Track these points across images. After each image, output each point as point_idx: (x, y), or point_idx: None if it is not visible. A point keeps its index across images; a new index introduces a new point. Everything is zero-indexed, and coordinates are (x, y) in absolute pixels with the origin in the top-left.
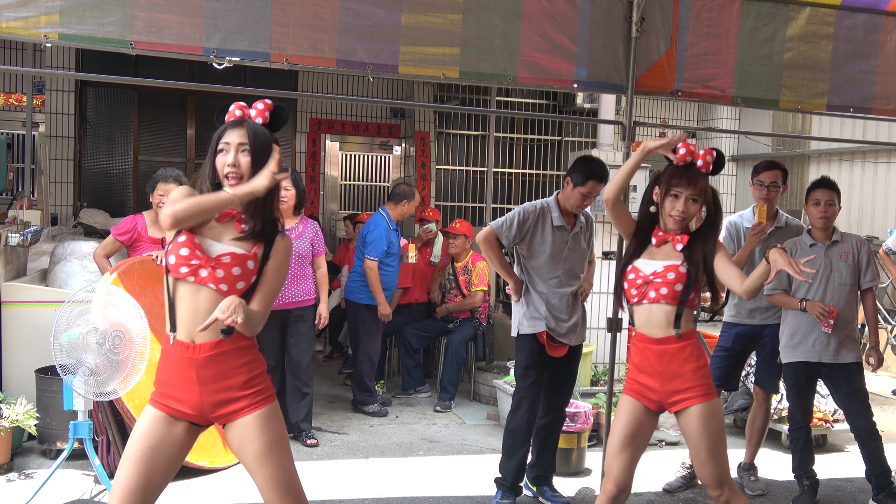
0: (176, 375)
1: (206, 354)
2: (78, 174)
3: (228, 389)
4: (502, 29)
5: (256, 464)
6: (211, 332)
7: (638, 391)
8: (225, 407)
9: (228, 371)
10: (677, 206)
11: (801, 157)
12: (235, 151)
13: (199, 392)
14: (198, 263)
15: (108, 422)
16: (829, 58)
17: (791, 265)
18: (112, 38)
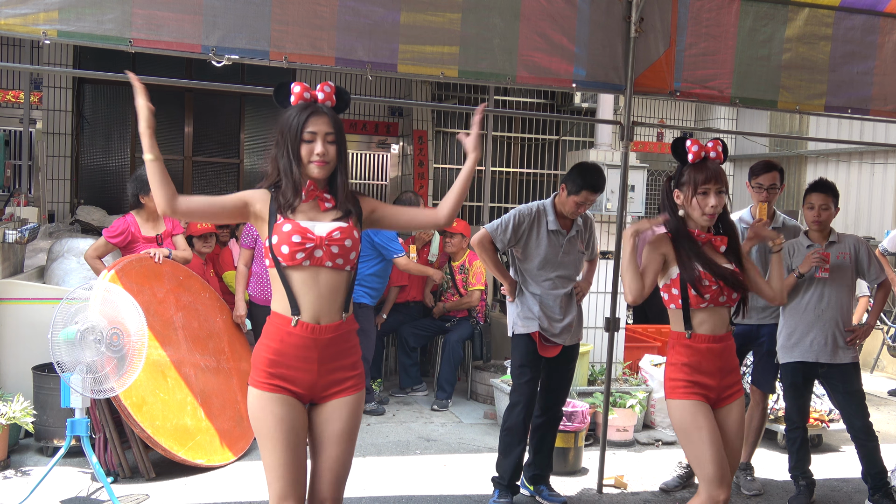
0: (296, 356)
1: (330, 335)
2: (75, 171)
3: (342, 369)
4: (501, 28)
5: (333, 440)
6: (335, 312)
7: (701, 393)
8: (334, 386)
9: (344, 351)
10: (710, 202)
11: (799, 158)
12: (323, 141)
13: (318, 371)
14: (313, 245)
15: (105, 419)
16: (828, 59)
17: None
18: (111, 35)
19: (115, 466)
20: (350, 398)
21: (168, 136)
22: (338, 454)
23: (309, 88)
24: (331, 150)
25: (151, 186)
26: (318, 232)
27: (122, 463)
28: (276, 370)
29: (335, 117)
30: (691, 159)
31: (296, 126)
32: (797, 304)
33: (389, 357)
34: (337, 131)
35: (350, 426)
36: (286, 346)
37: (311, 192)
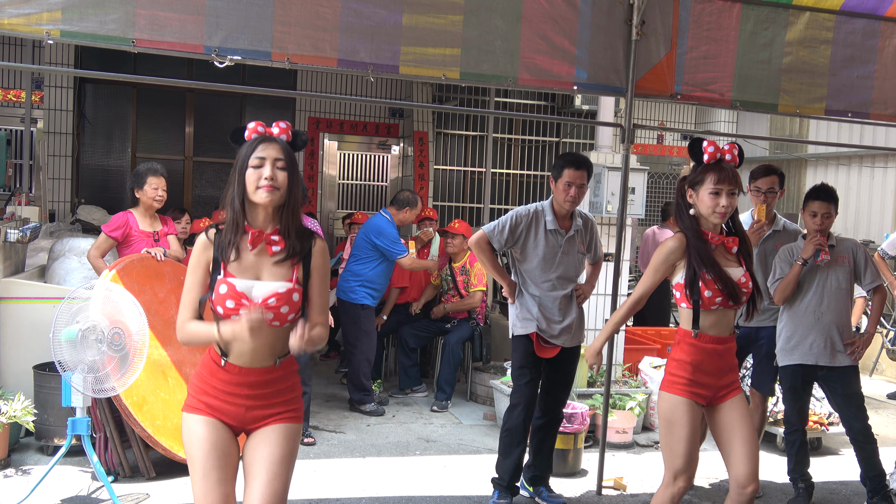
0: (224, 391)
1: (260, 378)
2: (76, 171)
3: (273, 406)
4: (503, 30)
5: (262, 465)
6: (269, 359)
7: (694, 391)
8: (264, 420)
9: (276, 392)
10: (721, 202)
11: (799, 161)
12: (272, 166)
13: (245, 407)
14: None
15: (106, 419)
16: (828, 62)
17: None
18: (114, 35)
19: (115, 466)
20: (283, 426)
21: (169, 136)
22: (268, 479)
23: (263, 125)
24: (280, 176)
25: (199, 341)
26: (255, 297)
27: (122, 462)
28: (207, 399)
29: (288, 149)
30: (706, 160)
31: (245, 155)
32: (796, 306)
33: (389, 358)
34: (288, 160)
35: (283, 453)
36: (216, 381)
37: (256, 238)
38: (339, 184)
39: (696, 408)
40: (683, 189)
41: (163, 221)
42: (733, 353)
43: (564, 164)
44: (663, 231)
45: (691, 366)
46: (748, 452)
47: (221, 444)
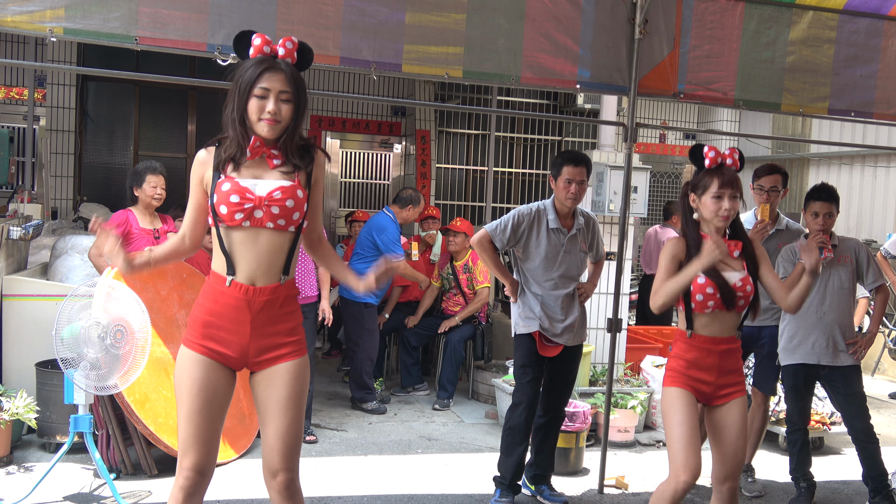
0: (228, 317)
1: (265, 298)
2: (78, 168)
3: (277, 335)
4: (506, 29)
5: (278, 409)
6: (273, 275)
7: (691, 385)
8: (268, 353)
9: (280, 316)
10: (724, 205)
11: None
12: (276, 99)
13: (250, 335)
14: (252, 206)
15: (108, 416)
16: (831, 62)
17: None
18: (117, 33)
19: (117, 463)
20: (290, 364)
21: (171, 134)
22: (285, 423)
23: (270, 42)
24: (284, 109)
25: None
26: (259, 192)
27: (124, 459)
28: (208, 331)
29: (295, 75)
30: (708, 164)
31: (248, 80)
32: None
33: (391, 356)
34: (295, 90)
35: (293, 392)
36: (219, 306)
37: (256, 148)
38: (341, 182)
39: (691, 398)
40: (686, 194)
41: (162, 219)
42: (736, 355)
43: (563, 161)
44: (665, 230)
45: (686, 362)
46: (732, 453)
47: (211, 386)
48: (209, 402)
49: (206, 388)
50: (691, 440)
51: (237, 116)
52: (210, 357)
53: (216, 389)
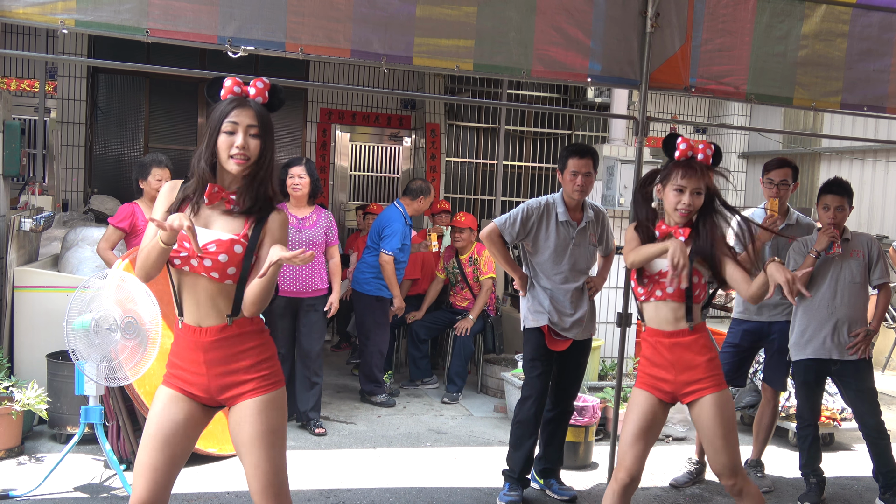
0: (185, 358)
1: (213, 338)
2: (89, 160)
3: (235, 373)
4: (517, 22)
5: (246, 448)
6: (216, 317)
7: (651, 384)
8: (231, 390)
9: (235, 355)
10: (683, 200)
11: (813, 155)
12: (244, 133)
13: (207, 375)
14: (187, 255)
15: (118, 407)
16: (844, 56)
17: (787, 283)
18: (128, 25)
19: (127, 454)
20: (255, 400)
21: (181, 126)
22: (256, 461)
23: (240, 83)
24: (252, 145)
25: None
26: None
27: (134, 451)
28: (175, 370)
29: (263, 113)
30: (677, 156)
31: (218, 117)
32: (810, 301)
33: (400, 349)
34: (262, 126)
35: (261, 430)
36: (178, 346)
37: (213, 195)
38: (350, 175)
39: (648, 399)
40: (645, 181)
41: None
42: (692, 351)
43: (568, 154)
44: None
45: (645, 359)
46: (713, 453)
47: (170, 417)
48: (171, 438)
49: (164, 419)
50: (632, 441)
51: (207, 155)
52: (178, 391)
53: (175, 421)
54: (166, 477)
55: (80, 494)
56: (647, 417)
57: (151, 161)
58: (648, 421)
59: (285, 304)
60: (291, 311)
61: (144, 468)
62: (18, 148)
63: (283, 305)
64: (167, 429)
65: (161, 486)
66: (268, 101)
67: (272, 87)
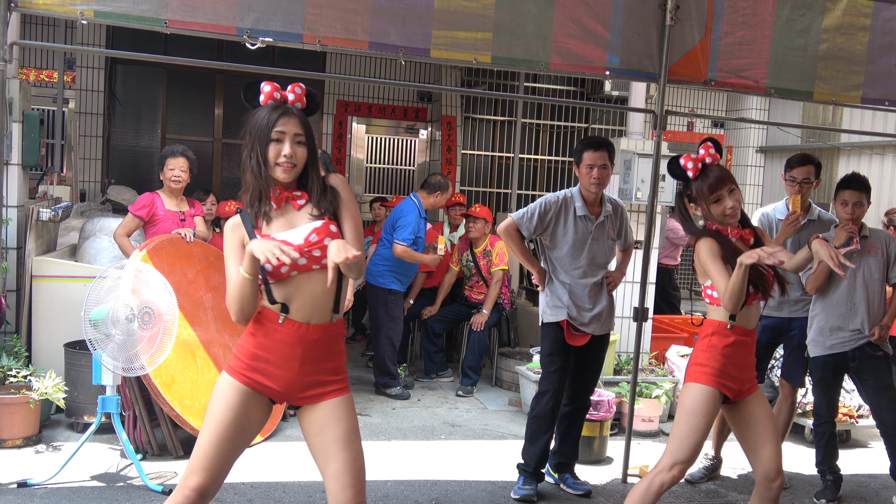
0: (279, 352)
1: (318, 336)
2: (106, 151)
3: (323, 372)
4: (535, 14)
5: (340, 445)
6: (324, 315)
7: (722, 382)
8: (315, 388)
9: (330, 354)
10: (729, 204)
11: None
12: (291, 142)
13: (298, 371)
14: (297, 255)
15: (135, 397)
16: (865, 50)
17: (832, 258)
18: (147, 16)
19: (143, 444)
20: (338, 400)
21: (198, 117)
22: (352, 456)
23: (279, 88)
24: (299, 153)
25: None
26: (295, 240)
27: (150, 441)
28: (256, 363)
29: (305, 119)
30: (692, 175)
31: (265, 125)
32: (829, 297)
33: (415, 342)
34: (307, 133)
35: (352, 427)
36: (271, 341)
37: (279, 197)
38: (366, 167)
39: (720, 400)
40: (683, 203)
41: (189, 203)
42: (754, 347)
43: (583, 147)
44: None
45: (723, 357)
46: (776, 447)
47: (246, 416)
48: (239, 433)
49: (240, 418)
50: (702, 445)
51: (263, 163)
52: (252, 388)
53: (250, 421)
54: (228, 467)
55: (97, 483)
56: (715, 419)
57: (167, 152)
58: (713, 422)
59: None
60: None
61: (212, 459)
62: (37, 138)
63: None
64: (239, 424)
65: (223, 475)
66: (305, 105)
67: (309, 93)
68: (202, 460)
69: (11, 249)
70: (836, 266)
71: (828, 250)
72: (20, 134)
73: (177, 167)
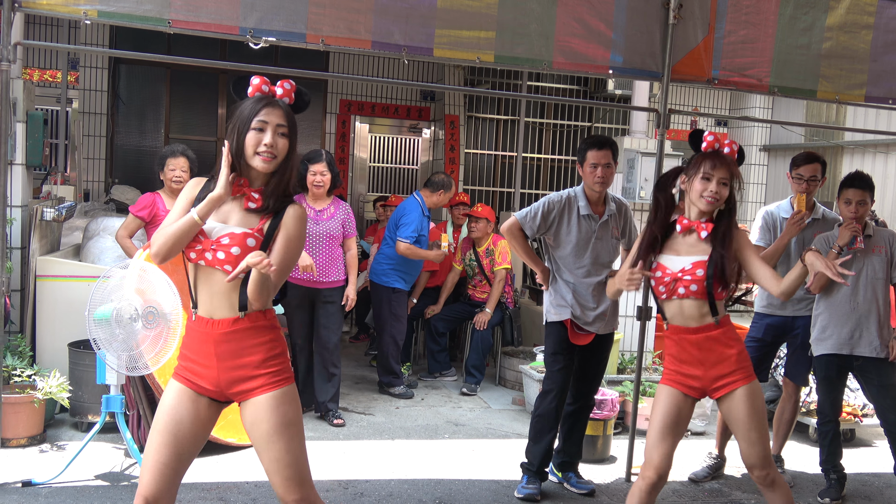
0: (197, 350)
1: (224, 330)
2: (110, 151)
3: (244, 367)
4: (538, 13)
5: (263, 444)
6: (229, 309)
7: (678, 381)
8: (241, 384)
9: (245, 349)
10: (710, 188)
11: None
12: (273, 132)
13: (217, 368)
14: (201, 248)
15: (139, 396)
16: (869, 48)
17: (828, 268)
18: (150, 16)
19: (146, 443)
20: (266, 396)
21: (201, 117)
22: (276, 455)
23: (268, 83)
24: (280, 144)
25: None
26: (211, 235)
27: None
28: (185, 363)
29: (290, 113)
30: (704, 147)
31: (247, 114)
32: (832, 296)
33: (418, 341)
34: (290, 126)
35: (276, 425)
36: (189, 338)
37: (238, 187)
38: (369, 167)
39: (674, 395)
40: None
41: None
42: (721, 344)
43: (587, 146)
44: None
45: (670, 356)
46: (751, 442)
47: (178, 413)
48: (171, 431)
49: (172, 415)
50: (659, 439)
51: (234, 151)
52: (188, 385)
53: (182, 416)
54: (174, 472)
55: (101, 483)
56: (673, 413)
57: (167, 152)
58: (674, 417)
59: (302, 295)
60: (309, 302)
61: (152, 463)
62: (41, 138)
63: (299, 296)
64: (175, 425)
65: (168, 481)
66: (293, 101)
67: (298, 90)
68: (148, 466)
69: (16, 249)
70: (835, 275)
71: (823, 261)
72: (24, 134)
73: (178, 167)
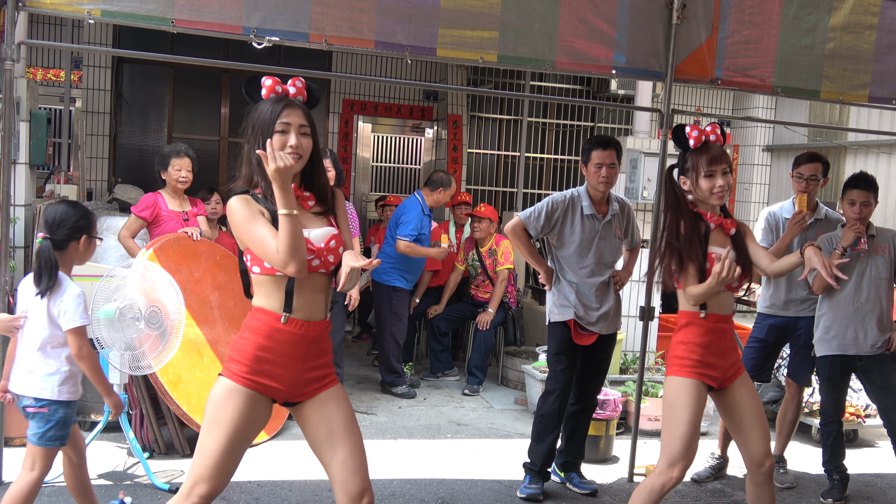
0: (283, 353)
1: (318, 332)
2: (113, 150)
3: (322, 367)
4: (542, 13)
5: (343, 430)
6: (321, 312)
7: (702, 372)
8: (315, 382)
9: (325, 349)
10: (718, 183)
11: (839, 149)
12: (297, 133)
13: (301, 369)
14: (311, 257)
15: (142, 396)
16: (872, 48)
17: (825, 267)
18: (153, 15)
19: (150, 442)
20: (336, 388)
21: (204, 116)
22: (356, 440)
23: (280, 82)
24: (304, 143)
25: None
26: (316, 242)
27: (157, 439)
28: (259, 366)
29: (308, 112)
30: (693, 144)
31: (269, 118)
32: (835, 296)
33: (421, 341)
34: (311, 125)
35: (350, 413)
36: (273, 342)
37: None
38: (372, 166)
39: (703, 390)
40: (672, 177)
41: (192, 202)
42: (732, 334)
43: (591, 146)
44: None
45: (700, 347)
46: (762, 430)
47: (253, 420)
48: (245, 437)
49: (248, 423)
50: (694, 438)
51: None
52: (257, 390)
53: (256, 424)
54: (234, 471)
55: (104, 482)
56: (702, 411)
57: (171, 152)
58: (701, 414)
59: None
60: None
61: (221, 467)
62: (44, 137)
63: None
64: (253, 434)
65: (229, 479)
66: (306, 99)
67: (308, 87)
68: (211, 469)
69: (19, 248)
70: (828, 276)
71: (821, 259)
72: (27, 133)
73: (183, 167)
